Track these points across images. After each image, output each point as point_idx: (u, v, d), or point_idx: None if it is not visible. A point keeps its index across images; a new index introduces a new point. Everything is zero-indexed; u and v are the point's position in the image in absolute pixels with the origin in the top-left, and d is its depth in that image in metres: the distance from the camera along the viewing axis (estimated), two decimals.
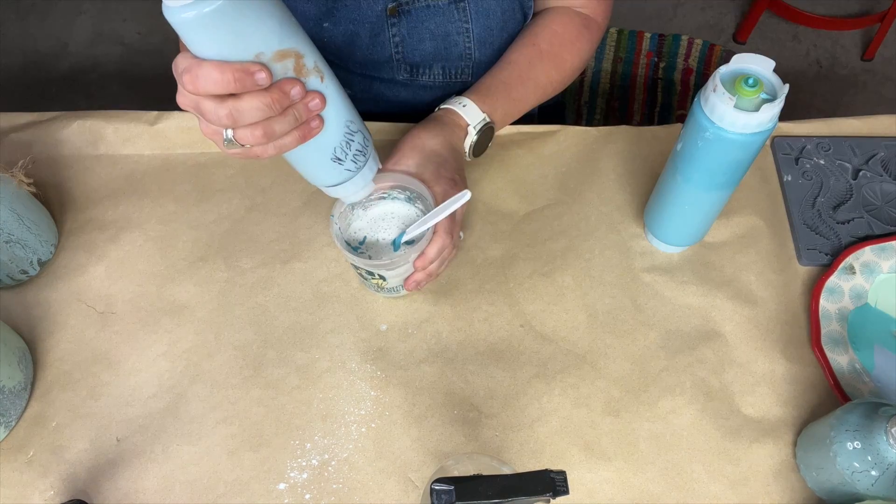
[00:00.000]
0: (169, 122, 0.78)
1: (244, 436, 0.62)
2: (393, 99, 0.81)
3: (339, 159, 0.53)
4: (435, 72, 0.77)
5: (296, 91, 0.46)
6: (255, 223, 0.73)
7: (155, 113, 0.78)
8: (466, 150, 0.70)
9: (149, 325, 0.67)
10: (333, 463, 0.60)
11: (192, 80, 0.43)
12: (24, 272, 0.68)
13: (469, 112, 0.69)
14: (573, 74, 0.79)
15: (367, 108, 0.83)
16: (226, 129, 0.47)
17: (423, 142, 0.66)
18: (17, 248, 0.65)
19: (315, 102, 0.48)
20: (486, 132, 0.70)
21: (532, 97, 0.75)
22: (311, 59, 0.47)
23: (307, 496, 0.59)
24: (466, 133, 0.69)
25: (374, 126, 0.78)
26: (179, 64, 0.44)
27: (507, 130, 0.79)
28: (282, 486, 0.59)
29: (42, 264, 0.70)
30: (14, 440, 0.61)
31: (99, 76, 1.97)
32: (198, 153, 0.78)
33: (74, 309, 0.68)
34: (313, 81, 0.48)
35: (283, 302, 0.68)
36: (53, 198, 0.75)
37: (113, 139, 0.78)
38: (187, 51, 0.44)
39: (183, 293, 0.69)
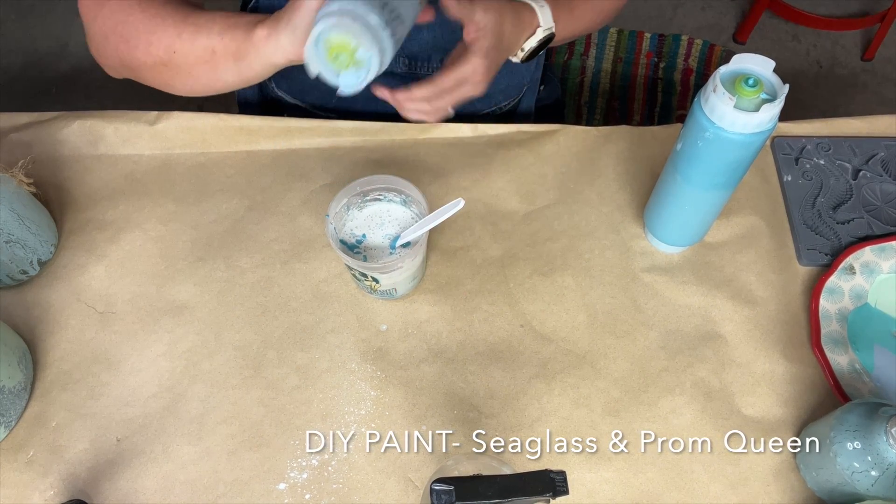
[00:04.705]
0: (169, 122, 0.78)
1: (244, 436, 0.61)
2: None
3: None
4: (434, 64, 0.77)
5: None
6: (254, 223, 0.73)
7: (155, 113, 0.78)
8: (525, 49, 0.68)
9: (149, 325, 0.67)
10: (333, 463, 0.60)
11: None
12: (24, 272, 0.68)
13: (544, 14, 0.67)
14: (608, 18, 0.79)
15: (366, 105, 0.82)
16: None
17: (504, 15, 0.62)
18: (17, 248, 0.65)
19: None
20: (546, 42, 0.69)
21: (587, 18, 0.74)
22: None
23: (307, 496, 0.59)
24: (533, 33, 0.67)
25: (375, 126, 0.78)
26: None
27: (506, 130, 0.79)
28: (282, 486, 0.59)
29: (42, 264, 0.70)
30: (14, 440, 0.61)
31: (99, 76, 1.96)
32: (198, 153, 0.78)
33: (74, 309, 0.68)
34: None
35: (283, 302, 0.68)
36: (53, 198, 0.75)
37: (113, 139, 0.78)
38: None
39: (183, 293, 0.69)
